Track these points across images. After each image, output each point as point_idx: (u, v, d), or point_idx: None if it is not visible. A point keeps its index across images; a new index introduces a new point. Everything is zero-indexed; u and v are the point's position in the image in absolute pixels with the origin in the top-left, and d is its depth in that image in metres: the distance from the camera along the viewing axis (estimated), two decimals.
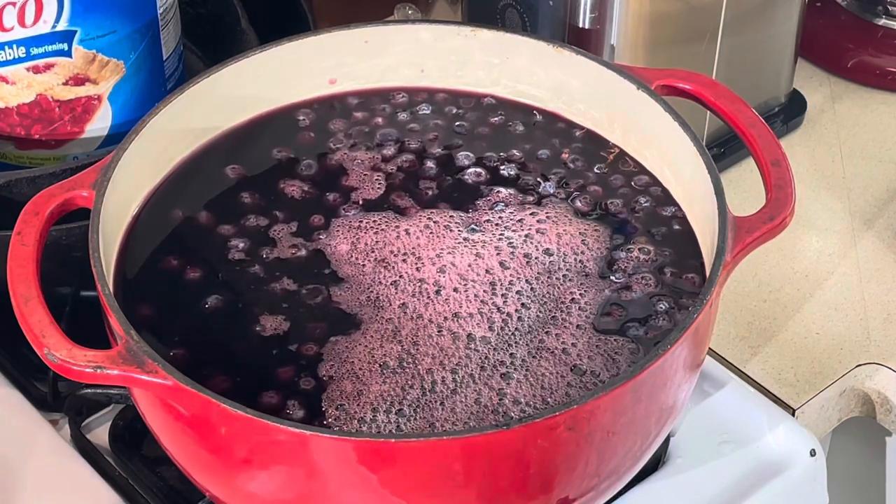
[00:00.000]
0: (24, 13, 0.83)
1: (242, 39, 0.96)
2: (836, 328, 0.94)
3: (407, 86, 0.87)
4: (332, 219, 0.79)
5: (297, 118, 0.86)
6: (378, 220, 0.79)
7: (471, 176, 0.82)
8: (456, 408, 0.69)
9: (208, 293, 0.75)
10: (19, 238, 0.71)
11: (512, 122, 0.85)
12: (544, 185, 0.81)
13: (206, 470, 0.71)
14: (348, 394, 0.70)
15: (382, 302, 0.74)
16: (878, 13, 1.16)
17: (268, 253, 0.77)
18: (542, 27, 0.96)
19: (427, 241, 0.78)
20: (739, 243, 0.71)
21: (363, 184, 0.82)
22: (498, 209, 0.80)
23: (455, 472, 0.65)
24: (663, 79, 0.81)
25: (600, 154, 0.83)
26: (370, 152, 0.84)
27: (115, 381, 0.66)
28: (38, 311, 0.68)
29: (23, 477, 0.80)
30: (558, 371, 0.71)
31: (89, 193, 0.74)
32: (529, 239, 0.78)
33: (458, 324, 0.73)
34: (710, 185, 0.74)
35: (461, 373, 0.71)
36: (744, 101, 0.79)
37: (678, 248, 0.77)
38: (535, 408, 0.69)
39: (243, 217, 0.79)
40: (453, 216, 0.79)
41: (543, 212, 0.79)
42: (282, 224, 0.79)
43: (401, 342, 0.72)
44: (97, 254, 0.71)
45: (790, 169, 0.76)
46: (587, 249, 0.77)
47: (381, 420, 0.68)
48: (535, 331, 0.73)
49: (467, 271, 0.76)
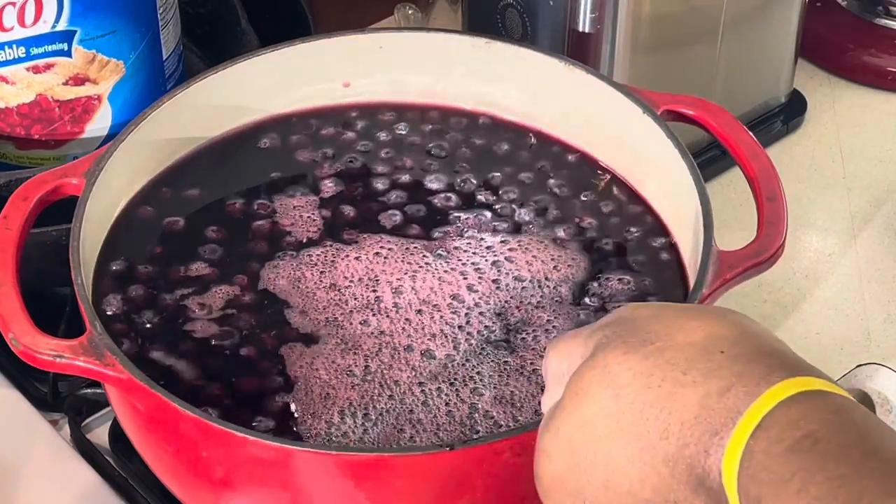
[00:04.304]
0: (24, 13, 0.83)
1: (242, 39, 0.96)
2: (836, 328, 0.94)
3: (396, 101, 0.86)
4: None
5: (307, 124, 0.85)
6: (336, 250, 0.78)
7: (441, 201, 0.81)
8: (423, 419, 0.69)
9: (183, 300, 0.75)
10: (4, 221, 0.71)
11: (498, 144, 0.85)
12: (519, 211, 0.80)
13: (167, 468, 0.71)
14: (312, 395, 0.70)
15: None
16: (878, 13, 1.16)
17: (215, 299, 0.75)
18: (542, 27, 0.96)
19: (388, 266, 0.76)
20: (719, 278, 0.71)
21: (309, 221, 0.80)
22: (468, 235, 0.78)
23: (398, 489, 0.64)
24: (670, 104, 0.80)
25: (590, 181, 0.82)
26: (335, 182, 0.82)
27: (74, 371, 0.66)
28: (10, 296, 0.68)
29: (23, 477, 0.80)
30: (528, 390, 0.70)
31: (79, 181, 0.74)
32: (498, 265, 0.77)
33: (423, 342, 0.72)
34: (701, 218, 0.73)
35: (429, 386, 0.70)
36: (747, 131, 0.78)
37: (661, 278, 0.77)
38: (508, 426, 0.68)
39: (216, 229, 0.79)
40: (416, 244, 0.78)
41: (516, 239, 0.78)
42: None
43: (366, 356, 0.72)
44: (76, 242, 0.71)
45: (785, 206, 0.75)
46: (561, 276, 0.76)
47: (348, 423, 0.68)
48: (501, 350, 0.72)
49: (429, 295, 0.75)
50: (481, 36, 0.85)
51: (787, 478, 0.48)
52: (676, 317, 0.56)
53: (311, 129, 0.85)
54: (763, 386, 0.51)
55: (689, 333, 0.55)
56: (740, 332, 0.55)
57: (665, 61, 0.97)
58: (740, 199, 1.00)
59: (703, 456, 0.52)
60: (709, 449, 0.51)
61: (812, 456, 0.48)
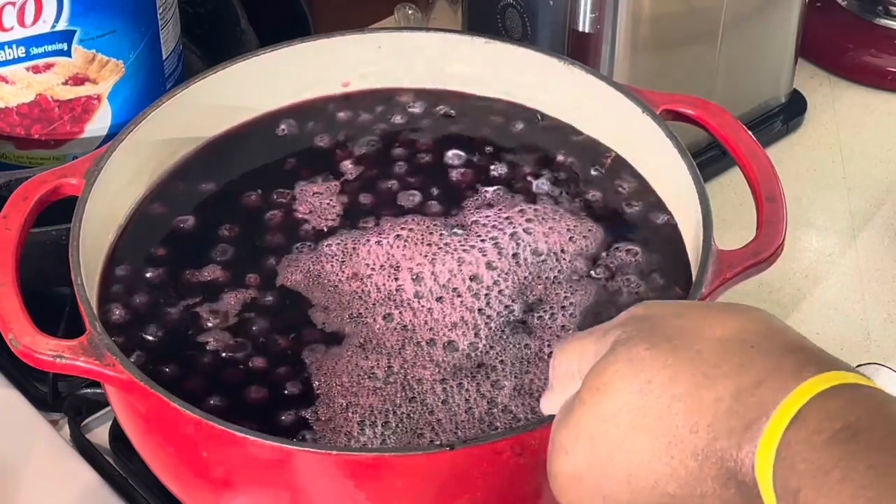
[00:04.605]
0: (24, 13, 0.83)
1: (242, 39, 0.96)
2: (836, 328, 0.94)
3: (403, 87, 0.86)
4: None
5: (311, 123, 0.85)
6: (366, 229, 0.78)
7: (457, 175, 0.81)
8: (442, 419, 0.68)
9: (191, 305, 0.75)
10: (4, 221, 0.71)
11: (512, 123, 0.85)
12: (536, 182, 0.81)
13: (167, 468, 0.71)
14: (333, 406, 0.69)
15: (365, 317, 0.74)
16: (878, 13, 1.16)
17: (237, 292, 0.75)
18: (542, 27, 0.96)
19: (405, 250, 0.76)
20: (719, 278, 0.71)
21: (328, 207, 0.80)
22: (484, 210, 0.79)
23: (398, 489, 0.64)
24: (669, 103, 0.80)
25: (600, 158, 0.82)
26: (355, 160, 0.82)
27: (74, 371, 0.66)
28: (11, 296, 0.68)
29: (23, 477, 0.80)
30: (546, 377, 0.70)
31: (79, 181, 0.74)
32: (516, 237, 0.77)
33: (444, 333, 0.72)
34: (701, 218, 0.73)
35: (451, 382, 0.70)
36: (747, 131, 0.78)
37: (668, 254, 0.77)
38: (527, 418, 0.68)
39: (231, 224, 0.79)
40: (437, 222, 0.78)
41: (532, 209, 0.79)
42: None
43: (388, 354, 0.71)
44: (76, 242, 0.71)
45: (785, 206, 0.75)
46: (576, 248, 0.77)
47: (367, 433, 0.68)
48: (520, 333, 0.72)
49: (449, 278, 0.75)
50: (481, 36, 0.85)
51: (828, 468, 0.48)
52: (703, 314, 0.56)
53: (323, 115, 0.85)
54: (795, 380, 0.51)
55: (718, 329, 0.55)
56: (767, 327, 0.55)
57: (665, 61, 0.97)
58: (740, 199, 1.00)
59: (736, 449, 0.52)
60: (741, 442, 0.51)
61: (853, 446, 0.48)
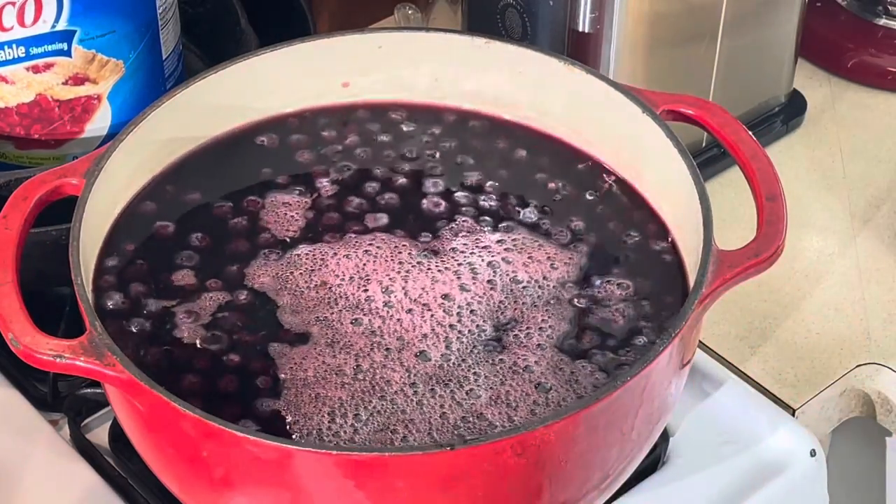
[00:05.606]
0: (24, 13, 0.83)
1: (241, 39, 0.96)
2: (836, 328, 0.94)
3: (396, 101, 0.86)
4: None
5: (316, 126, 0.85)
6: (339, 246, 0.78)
7: (431, 203, 0.81)
8: (416, 419, 0.68)
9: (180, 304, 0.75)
10: (4, 221, 0.71)
11: (502, 143, 0.84)
12: (521, 211, 0.80)
13: (167, 468, 0.71)
14: (304, 401, 0.70)
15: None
16: (878, 13, 1.16)
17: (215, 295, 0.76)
18: (541, 27, 0.96)
19: (379, 265, 0.76)
20: (719, 278, 0.70)
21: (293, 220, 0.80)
22: (462, 236, 0.78)
23: (398, 489, 0.64)
24: (670, 103, 0.80)
25: (592, 183, 0.82)
26: (331, 180, 0.82)
27: (74, 371, 0.66)
28: (11, 296, 0.68)
29: (23, 477, 0.80)
30: (523, 389, 0.70)
31: (79, 181, 0.74)
32: (494, 266, 0.76)
33: (415, 343, 0.72)
34: (701, 217, 0.73)
35: (422, 387, 0.70)
36: (747, 131, 0.78)
37: (661, 280, 0.76)
38: (503, 426, 0.68)
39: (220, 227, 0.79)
40: (407, 244, 0.78)
41: (510, 238, 0.78)
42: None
43: (356, 356, 0.71)
44: (76, 242, 0.71)
45: (785, 206, 0.74)
46: (559, 276, 0.76)
47: (339, 422, 0.68)
48: (493, 352, 0.72)
49: (420, 294, 0.75)
50: (481, 36, 0.85)
51: None
52: None
53: (312, 128, 0.85)
54: None
55: None
56: None
57: (665, 61, 0.97)
58: (740, 198, 1.00)
59: None
60: None
61: None
